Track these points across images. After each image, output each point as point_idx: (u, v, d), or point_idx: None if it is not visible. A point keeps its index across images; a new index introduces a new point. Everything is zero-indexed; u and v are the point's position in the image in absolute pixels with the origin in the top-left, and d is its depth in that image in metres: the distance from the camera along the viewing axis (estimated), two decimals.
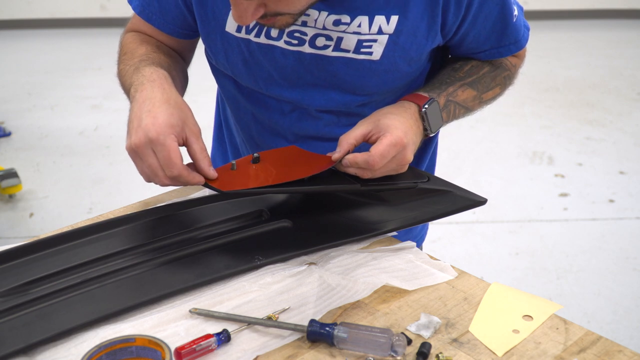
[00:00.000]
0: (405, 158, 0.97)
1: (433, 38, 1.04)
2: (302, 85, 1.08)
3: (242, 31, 1.05)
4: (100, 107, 4.09)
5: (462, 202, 1.03)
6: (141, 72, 0.99)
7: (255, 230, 0.99)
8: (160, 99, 0.93)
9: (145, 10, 1.10)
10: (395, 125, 0.96)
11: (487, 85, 1.13)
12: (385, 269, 0.93)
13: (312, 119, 1.12)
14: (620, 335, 2.18)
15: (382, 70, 1.05)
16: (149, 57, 1.06)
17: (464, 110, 1.11)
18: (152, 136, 0.88)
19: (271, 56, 1.06)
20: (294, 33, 1.03)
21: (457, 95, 1.09)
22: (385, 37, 1.02)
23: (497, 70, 1.15)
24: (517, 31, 1.11)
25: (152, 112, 0.90)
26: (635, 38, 5.57)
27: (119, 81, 1.09)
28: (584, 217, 2.94)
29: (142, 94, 0.94)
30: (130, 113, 0.94)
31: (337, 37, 1.02)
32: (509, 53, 1.13)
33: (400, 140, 0.95)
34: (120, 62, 1.11)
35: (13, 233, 2.85)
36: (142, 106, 0.92)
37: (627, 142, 3.66)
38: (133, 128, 0.91)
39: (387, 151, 0.94)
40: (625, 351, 0.79)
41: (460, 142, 3.63)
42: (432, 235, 2.73)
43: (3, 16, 5.89)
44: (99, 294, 0.85)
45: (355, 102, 1.10)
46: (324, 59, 1.04)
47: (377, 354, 0.77)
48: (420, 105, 1.03)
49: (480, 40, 1.09)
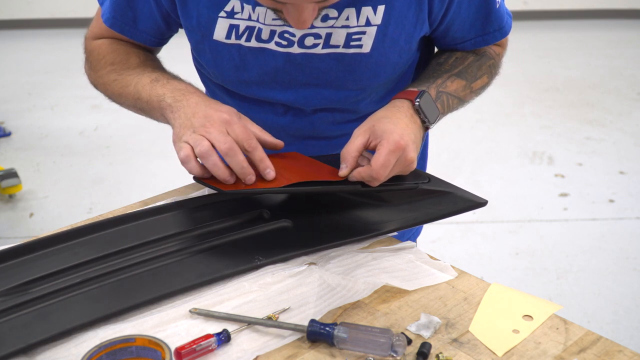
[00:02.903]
0: (408, 159, 0.96)
1: (421, 26, 1.05)
2: (294, 86, 1.08)
3: (232, 37, 1.05)
4: (100, 107, 4.09)
5: (462, 203, 1.03)
6: (171, 84, 1.04)
7: (255, 230, 0.99)
8: (211, 99, 1.00)
9: (117, 23, 1.10)
10: (390, 130, 0.95)
11: (474, 74, 1.13)
12: (385, 269, 0.93)
13: (307, 119, 1.12)
14: (620, 335, 2.18)
15: (373, 63, 1.05)
16: (153, 65, 1.11)
17: (457, 101, 1.11)
18: (225, 118, 0.95)
19: (262, 59, 1.06)
20: (284, 34, 1.03)
21: (447, 86, 1.08)
22: (374, 28, 1.02)
23: (482, 59, 1.15)
24: (501, 18, 1.12)
25: (213, 106, 0.98)
26: (635, 38, 5.56)
27: (114, 89, 1.10)
28: (584, 217, 2.93)
29: (193, 98, 1.00)
30: (180, 113, 0.98)
31: (325, 34, 1.02)
32: (494, 40, 1.14)
33: (398, 144, 0.94)
34: (110, 72, 1.11)
35: (13, 233, 2.86)
36: (199, 106, 0.97)
37: (627, 142, 3.66)
38: (198, 120, 0.95)
39: (388, 160, 0.93)
40: (625, 351, 0.78)
41: (460, 142, 3.63)
42: (432, 235, 2.75)
43: (3, 16, 5.89)
44: (99, 294, 0.85)
45: (349, 98, 1.10)
46: (314, 57, 1.04)
47: (377, 354, 0.77)
48: (412, 100, 1.02)
49: (465, 28, 1.10)
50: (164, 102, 1.01)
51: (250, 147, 0.94)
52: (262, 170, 0.95)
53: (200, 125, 0.94)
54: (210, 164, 0.92)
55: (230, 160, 0.92)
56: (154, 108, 1.04)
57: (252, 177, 0.93)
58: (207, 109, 0.97)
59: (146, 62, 1.12)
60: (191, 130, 0.94)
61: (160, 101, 1.02)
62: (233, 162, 0.92)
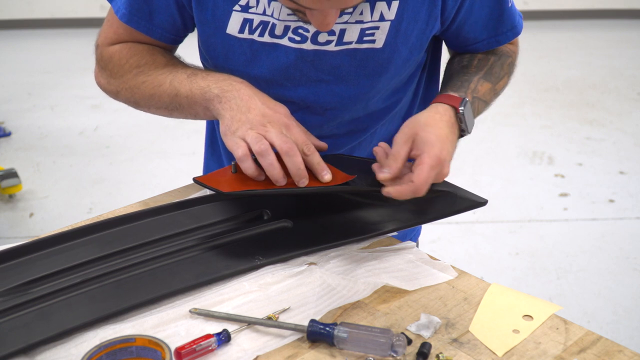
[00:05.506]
0: (444, 173, 0.95)
1: (433, 23, 1.05)
2: (304, 83, 1.08)
3: (245, 31, 1.04)
4: (100, 107, 4.09)
5: (462, 203, 1.03)
6: (212, 76, 1.03)
7: (255, 230, 0.99)
8: (263, 93, 1.02)
9: (133, 18, 1.08)
10: (432, 142, 0.94)
11: (498, 75, 1.13)
12: (385, 269, 0.93)
13: (316, 118, 1.12)
14: (620, 335, 2.18)
15: (385, 58, 1.05)
16: (181, 62, 1.11)
17: (483, 104, 1.11)
18: (285, 122, 0.97)
19: (274, 55, 1.05)
20: (298, 30, 1.03)
21: (479, 91, 1.08)
22: (387, 23, 1.02)
23: (503, 58, 1.15)
24: (513, 17, 1.12)
25: (268, 104, 0.99)
26: (635, 38, 5.56)
27: (145, 92, 1.08)
28: (584, 217, 2.94)
29: (244, 90, 1.00)
30: (231, 104, 0.99)
31: (340, 30, 1.02)
32: (506, 40, 1.14)
33: (439, 160, 0.93)
34: (137, 74, 1.09)
35: (13, 233, 2.86)
36: (253, 100, 0.99)
37: (627, 142, 3.66)
38: (256, 118, 0.96)
39: (429, 176, 0.92)
40: (625, 351, 0.79)
41: (461, 142, 3.62)
42: (432, 235, 2.75)
43: (3, 16, 5.89)
44: (99, 294, 0.85)
45: (359, 95, 1.09)
46: (327, 53, 1.04)
47: (377, 354, 0.77)
48: (456, 107, 1.01)
49: (477, 28, 1.10)
50: (210, 92, 1.01)
51: (309, 151, 0.95)
52: (319, 173, 0.96)
53: (259, 124, 0.95)
54: (266, 162, 0.92)
55: (288, 160, 0.93)
56: (196, 102, 1.03)
57: (306, 180, 0.94)
58: (263, 107, 0.98)
59: (174, 60, 1.11)
60: (247, 127, 0.95)
61: (204, 93, 1.01)
62: (291, 163, 0.93)
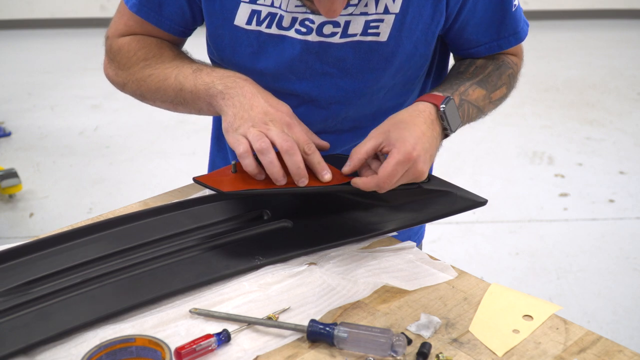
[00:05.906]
0: (417, 170, 0.94)
1: (439, 18, 1.05)
2: (309, 76, 1.08)
3: (252, 23, 1.05)
4: (100, 107, 4.08)
5: (462, 202, 1.03)
6: (217, 72, 1.04)
7: (255, 230, 0.99)
8: (266, 91, 1.02)
9: (143, 9, 1.09)
10: (404, 138, 0.93)
11: (494, 84, 1.12)
12: (385, 269, 0.93)
13: (320, 112, 1.12)
14: (620, 335, 2.18)
15: (389, 52, 1.05)
16: (188, 57, 1.11)
17: (476, 110, 1.10)
18: (287, 120, 0.98)
19: (280, 47, 1.06)
20: (304, 21, 1.03)
21: (469, 95, 1.07)
22: (392, 16, 1.02)
23: (502, 68, 1.15)
24: (517, 22, 1.11)
25: (271, 102, 1.00)
26: (635, 38, 5.56)
27: (151, 85, 1.09)
28: (584, 217, 2.93)
29: (247, 87, 1.01)
30: (234, 100, 0.99)
31: (344, 22, 1.02)
32: (509, 45, 1.13)
33: (409, 156, 0.92)
34: (144, 67, 1.10)
35: (13, 233, 2.86)
36: (255, 98, 0.99)
37: (627, 142, 3.66)
38: (258, 116, 0.96)
39: (395, 170, 0.91)
40: (625, 351, 0.79)
41: (460, 142, 3.62)
42: (432, 235, 2.75)
43: (3, 16, 5.89)
44: (99, 294, 0.85)
45: (363, 89, 1.09)
46: (331, 45, 1.05)
47: (377, 354, 0.77)
48: (437, 105, 1.00)
49: (480, 30, 1.10)
50: (214, 88, 1.01)
51: (310, 150, 0.96)
52: (319, 172, 0.96)
53: (261, 122, 0.96)
54: (267, 160, 0.92)
55: (288, 159, 0.93)
56: (200, 97, 1.03)
57: (306, 179, 0.94)
58: (266, 105, 0.98)
59: (181, 55, 1.12)
60: (249, 124, 0.95)
61: (208, 89, 1.02)
62: (291, 162, 0.93)
